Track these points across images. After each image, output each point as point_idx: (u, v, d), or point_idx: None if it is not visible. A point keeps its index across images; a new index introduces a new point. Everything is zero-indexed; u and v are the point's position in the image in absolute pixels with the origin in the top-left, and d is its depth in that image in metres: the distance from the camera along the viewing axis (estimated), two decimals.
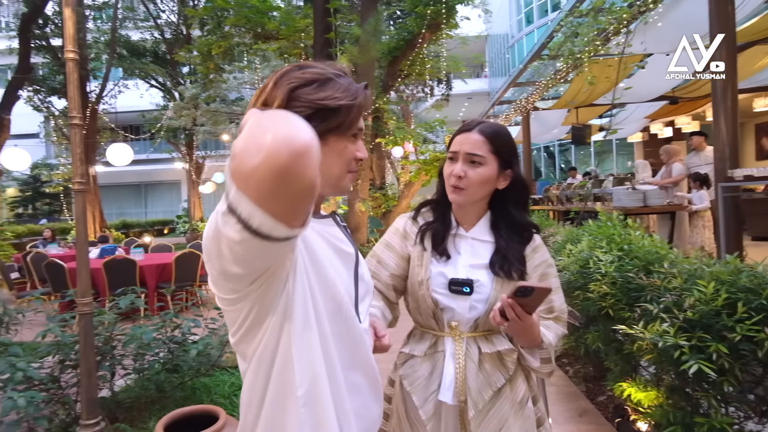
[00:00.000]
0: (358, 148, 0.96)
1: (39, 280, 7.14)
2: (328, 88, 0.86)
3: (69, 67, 2.18)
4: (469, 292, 1.31)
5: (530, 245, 1.37)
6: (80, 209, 2.31)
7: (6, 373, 2.57)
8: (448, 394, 1.32)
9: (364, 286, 1.03)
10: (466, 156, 1.31)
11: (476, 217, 1.38)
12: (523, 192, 1.38)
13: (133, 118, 22.10)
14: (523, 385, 1.37)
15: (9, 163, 8.80)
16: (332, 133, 0.88)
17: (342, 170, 0.94)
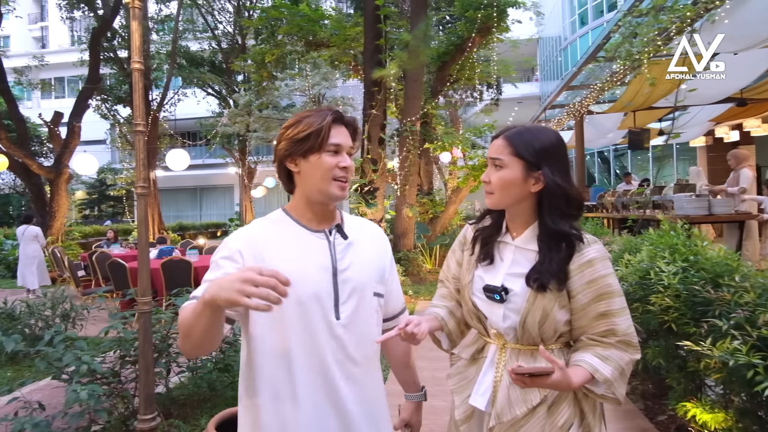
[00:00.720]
0: (339, 159, 1.23)
1: (103, 279, 7.56)
2: (299, 125, 1.23)
3: (135, 77, 2.29)
4: (499, 300, 1.29)
5: (579, 258, 1.25)
6: (142, 212, 2.41)
7: (72, 366, 2.72)
8: (480, 400, 1.32)
9: (347, 289, 1.23)
10: (490, 161, 1.33)
11: (524, 225, 1.33)
12: (557, 196, 1.26)
13: (190, 125, 23.12)
14: (568, 410, 1.27)
15: (79, 167, 9.42)
16: (309, 152, 1.22)
17: (324, 179, 1.22)
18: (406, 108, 8.47)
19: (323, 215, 1.29)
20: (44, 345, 2.80)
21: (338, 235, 1.28)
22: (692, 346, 2.21)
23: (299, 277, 1.15)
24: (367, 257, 1.31)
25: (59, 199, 12.84)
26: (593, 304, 1.24)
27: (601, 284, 1.23)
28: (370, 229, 1.41)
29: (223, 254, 1.21)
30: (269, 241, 1.23)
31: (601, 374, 1.20)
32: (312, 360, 1.19)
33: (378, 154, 7.68)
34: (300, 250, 1.23)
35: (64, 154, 12.83)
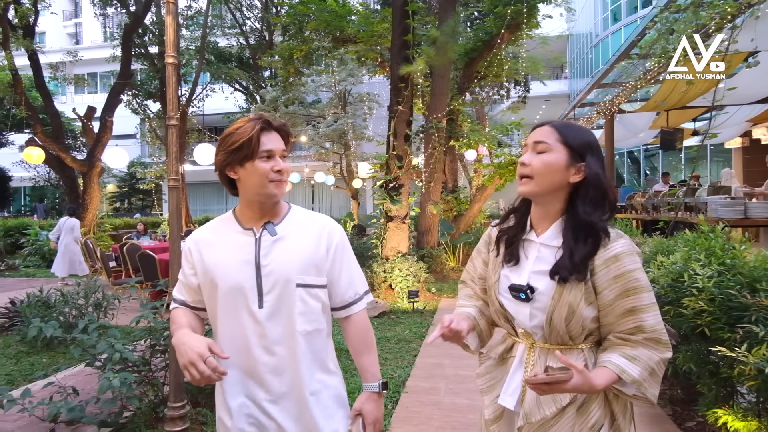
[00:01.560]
0: (273, 164, 1.36)
1: (133, 269, 7.76)
2: (232, 136, 1.36)
3: (169, 71, 2.33)
4: (524, 298, 1.28)
5: (604, 252, 1.22)
6: (173, 204, 2.46)
7: (105, 354, 2.80)
8: (509, 399, 1.32)
9: (270, 282, 1.36)
10: (533, 145, 1.29)
11: (549, 221, 1.31)
12: (596, 188, 1.25)
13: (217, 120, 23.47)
14: (599, 411, 1.25)
15: (111, 161, 9.65)
16: (245, 160, 1.34)
17: (261, 182, 1.35)
18: (433, 104, 8.42)
19: (261, 213, 1.42)
20: (79, 332, 2.89)
21: (266, 232, 1.41)
22: (726, 351, 2.15)
23: (225, 271, 1.37)
24: (293, 251, 1.40)
25: (91, 192, 13.22)
26: (620, 300, 1.20)
27: (628, 279, 1.20)
28: (315, 222, 1.47)
29: (184, 254, 1.47)
30: (210, 240, 1.43)
31: (628, 375, 1.17)
32: (237, 343, 1.36)
33: (404, 150, 7.66)
34: (229, 247, 1.40)
35: (96, 147, 13.20)
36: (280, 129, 1.41)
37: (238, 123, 1.38)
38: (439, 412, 3.39)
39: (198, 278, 1.42)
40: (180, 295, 1.48)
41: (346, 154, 16.80)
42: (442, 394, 3.67)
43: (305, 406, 1.36)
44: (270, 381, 1.35)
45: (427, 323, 5.96)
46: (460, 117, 10.90)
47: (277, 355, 1.35)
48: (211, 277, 1.38)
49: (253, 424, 1.36)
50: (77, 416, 2.71)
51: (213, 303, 1.39)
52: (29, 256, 12.46)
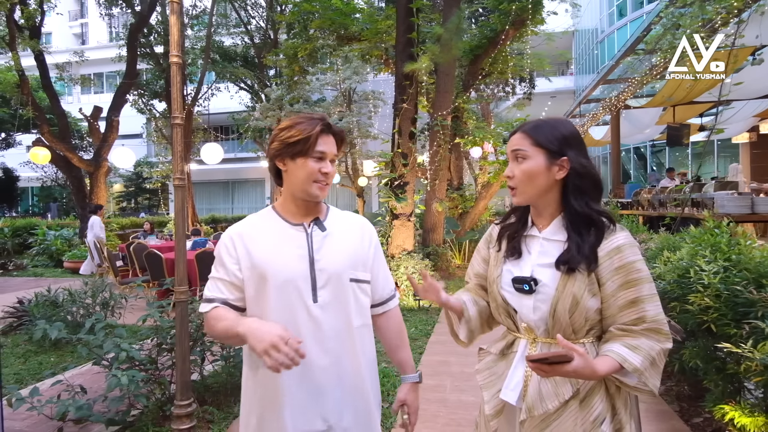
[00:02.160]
0: (322, 165, 1.39)
1: (140, 269, 7.80)
2: (292, 129, 1.38)
3: (173, 70, 2.35)
4: (528, 290, 1.30)
5: (607, 244, 1.24)
6: (179, 203, 2.48)
7: (112, 353, 2.82)
8: (511, 394, 1.33)
9: (324, 276, 1.38)
10: (511, 155, 1.34)
11: (550, 217, 1.34)
12: (583, 178, 1.28)
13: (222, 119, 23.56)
14: (601, 404, 1.26)
15: (117, 160, 9.73)
16: (297, 156, 1.38)
17: (306, 180, 1.38)
18: (437, 102, 8.41)
19: (306, 210, 1.45)
20: (85, 332, 2.91)
21: (316, 227, 1.44)
22: (732, 347, 2.14)
23: (278, 265, 1.36)
24: (343, 247, 1.44)
25: (98, 191, 13.30)
26: (622, 291, 1.22)
27: (630, 270, 1.22)
28: (354, 221, 1.54)
29: (222, 249, 1.42)
30: (254, 235, 1.41)
31: (630, 363, 1.18)
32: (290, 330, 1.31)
33: (408, 148, 7.66)
34: (280, 241, 1.40)
35: (103, 147, 13.28)
36: (336, 134, 1.44)
37: (297, 118, 1.41)
38: (445, 409, 3.39)
39: (243, 273, 1.39)
40: (220, 294, 1.40)
41: (351, 152, 16.81)
42: (448, 391, 3.67)
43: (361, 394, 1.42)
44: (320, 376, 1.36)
45: (433, 321, 5.97)
46: (465, 114, 10.86)
47: (331, 351, 1.37)
48: (261, 271, 1.36)
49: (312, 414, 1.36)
50: (85, 414, 2.73)
51: (262, 298, 1.37)
52: (37, 255, 12.56)
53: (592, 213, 1.26)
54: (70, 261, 11.43)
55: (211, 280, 1.43)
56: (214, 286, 1.42)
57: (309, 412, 1.36)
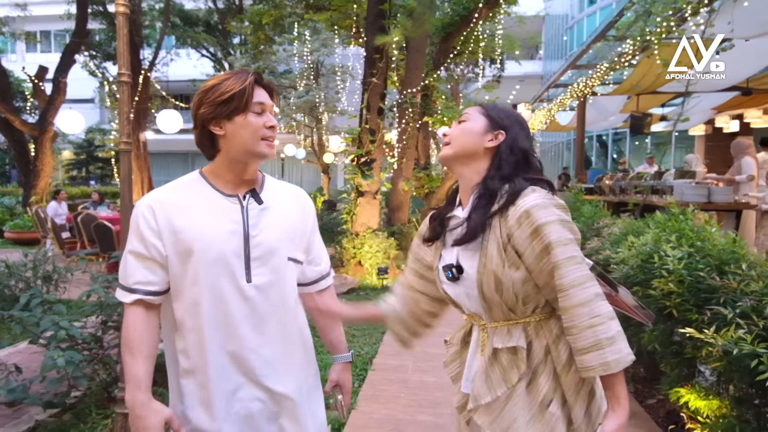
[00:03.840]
0: (265, 119, 1.25)
1: (88, 241, 7.40)
2: (220, 87, 1.22)
3: (119, 21, 2.11)
4: (452, 277, 1.24)
5: (515, 210, 1.13)
6: (126, 169, 2.27)
7: (50, 331, 2.60)
8: (469, 385, 1.29)
9: (259, 254, 1.25)
10: (457, 121, 1.32)
11: (470, 191, 1.27)
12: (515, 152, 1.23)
13: (183, 87, 22.55)
14: (547, 383, 1.18)
15: (65, 125, 9.11)
16: (234, 113, 1.22)
17: (252, 138, 1.24)
18: (407, 78, 8.23)
19: (242, 178, 1.29)
20: (20, 309, 2.67)
21: (252, 199, 1.30)
22: (695, 333, 2.14)
23: (207, 240, 1.21)
24: (282, 222, 1.32)
25: (44, 158, 12.51)
26: (543, 260, 1.11)
27: (543, 233, 1.10)
28: (292, 193, 1.41)
29: (140, 221, 1.23)
30: (179, 204, 1.25)
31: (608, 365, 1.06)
32: (221, 320, 1.22)
33: (377, 124, 7.48)
34: (211, 213, 1.25)
35: (49, 110, 12.44)
36: (267, 86, 1.31)
37: (222, 76, 1.27)
38: (407, 390, 3.34)
39: (166, 249, 1.22)
40: (142, 277, 1.22)
41: (317, 128, 16.45)
42: (410, 372, 3.63)
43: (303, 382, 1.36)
44: (256, 361, 1.25)
45: None
46: (435, 93, 10.74)
47: (266, 334, 1.26)
48: (187, 246, 1.21)
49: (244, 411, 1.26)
50: (19, 397, 2.51)
51: (187, 278, 1.22)
52: None
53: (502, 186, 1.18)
54: (12, 231, 10.77)
55: (128, 256, 1.24)
56: (133, 265, 1.23)
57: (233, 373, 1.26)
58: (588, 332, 1.07)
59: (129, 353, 1.20)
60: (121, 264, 1.26)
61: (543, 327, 1.22)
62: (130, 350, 1.20)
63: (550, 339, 1.21)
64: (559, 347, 1.19)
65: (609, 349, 1.06)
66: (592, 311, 1.08)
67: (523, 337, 1.20)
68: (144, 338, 1.21)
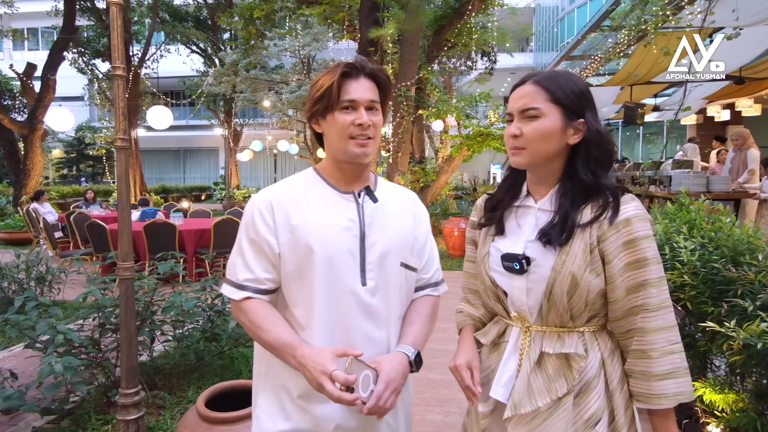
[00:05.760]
0: (354, 117, 1.17)
1: (81, 240, 7.26)
2: (317, 84, 1.20)
3: (113, 12, 2.01)
4: (518, 269, 1.12)
5: (612, 216, 1.06)
6: (122, 168, 2.18)
7: (47, 335, 2.51)
8: (501, 391, 1.16)
9: (374, 255, 1.19)
10: (519, 113, 1.13)
11: (550, 185, 1.16)
12: (598, 146, 1.11)
13: (173, 84, 22.28)
14: (598, 401, 1.09)
15: (54, 122, 8.92)
16: (326, 111, 1.19)
17: (340, 137, 1.18)
18: (402, 72, 8.15)
19: (352, 176, 1.25)
20: (14, 312, 2.57)
21: (367, 197, 1.24)
22: (716, 327, 2.10)
23: (324, 237, 1.16)
24: (396, 224, 1.25)
25: (34, 156, 12.29)
26: (629, 271, 1.05)
27: (640, 247, 1.04)
28: (405, 195, 1.34)
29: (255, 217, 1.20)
30: (294, 200, 1.21)
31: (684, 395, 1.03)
32: (335, 316, 1.16)
33: None
34: (326, 210, 1.20)
35: (38, 108, 12.21)
36: (373, 74, 1.21)
37: (327, 69, 1.22)
38: (413, 387, 3.29)
39: (281, 247, 1.18)
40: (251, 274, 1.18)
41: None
42: None
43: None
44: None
45: None
46: (429, 86, 10.66)
47: (378, 342, 1.19)
48: (303, 242, 1.16)
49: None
50: (15, 404, 2.42)
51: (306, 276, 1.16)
52: None
53: (600, 185, 1.09)
54: (4, 231, 10.57)
55: (237, 255, 1.21)
56: (243, 263, 1.20)
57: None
58: (667, 359, 1.04)
59: (262, 331, 1.16)
60: (230, 260, 1.23)
61: (598, 339, 1.13)
62: (261, 329, 1.16)
63: (606, 352, 1.12)
64: (614, 362, 1.12)
65: (685, 379, 1.04)
66: (672, 338, 1.05)
67: (580, 345, 1.11)
68: (268, 314, 1.18)
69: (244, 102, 17.09)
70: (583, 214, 1.09)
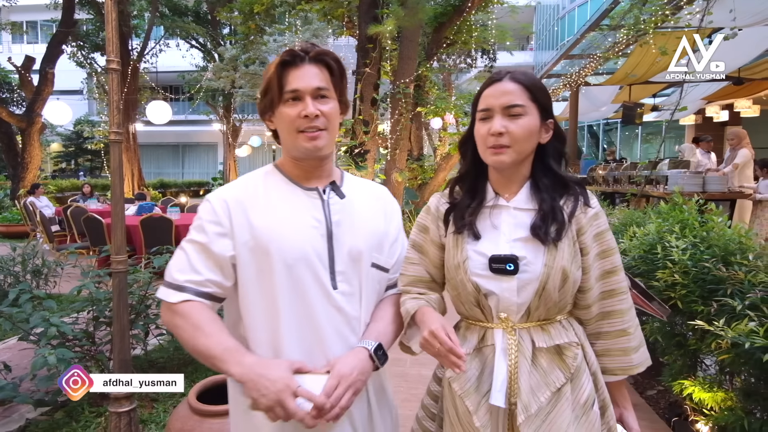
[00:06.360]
0: (300, 108, 1.08)
1: (78, 234, 7.27)
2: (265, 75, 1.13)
3: (108, 5, 2.02)
4: (513, 269, 1.11)
5: (585, 210, 1.15)
6: (116, 161, 2.18)
7: (40, 328, 2.52)
8: (499, 396, 1.12)
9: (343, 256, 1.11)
10: (503, 110, 1.12)
11: (519, 183, 1.17)
12: (561, 142, 1.20)
13: (173, 78, 22.25)
14: (589, 383, 1.14)
15: (52, 116, 8.93)
16: (273, 106, 1.12)
17: (289, 133, 1.10)
18: (401, 69, 8.14)
19: (313, 172, 1.16)
20: (8, 305, 2.58)
21: (333, 193, 1.16)
22: (705, 326, 2.11)
23: (288, 238, 1.07)
24: (365, 221, 1.17)
25: (31, 150, 12.26)
26: (599, 261, 1.16)
27: (605, 238, 1.17)
28: (374, 191, 1.25)
29: (208, 216, 1.10)
30: (254, 198, 1.12)
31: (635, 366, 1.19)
32: (305, 326, 1.08)
33: (370, 115, 7.41)
34: (289, 208, 1.12)
35: (36, 101, 12.18)
36: (319, 58, 1.10)
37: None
38: (406, 384, 3.31)
39: (236, 249, 1.07)
40: (195, 275, 1.06)
41: None
42: (408, 365, 3.59)
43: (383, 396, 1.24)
44: None
45: None
46: (428, 84, 10.66)
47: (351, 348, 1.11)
48: (265, 245, 1.05)
49: None
50: (8, 396, 2.43)
51: (265, 282, 1.06)
52: None
53: (570, 178, 1.17)
54: (1, 224, 10.58)
55: (182, 253, 1.10)
56: (186, 262, 1.08)
57: None
58: (638, 332, 1.20)
59: (203, 336, 1.02)
60: (171, 261, 1.11)
61: (573, 325, 1.19)
62: (202, 333, 1.02)
63: (582, 337, 1.18)
64: (588, 345, 1.20)
65: (645, 347, 1.21)
66: (635, 314, 1.21)
67: (566, 334, 1.15)
68: (211, 318, 1.05)
69: (243, 97, 17.08)
70: (564, 208, 1.14)
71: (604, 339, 1.18)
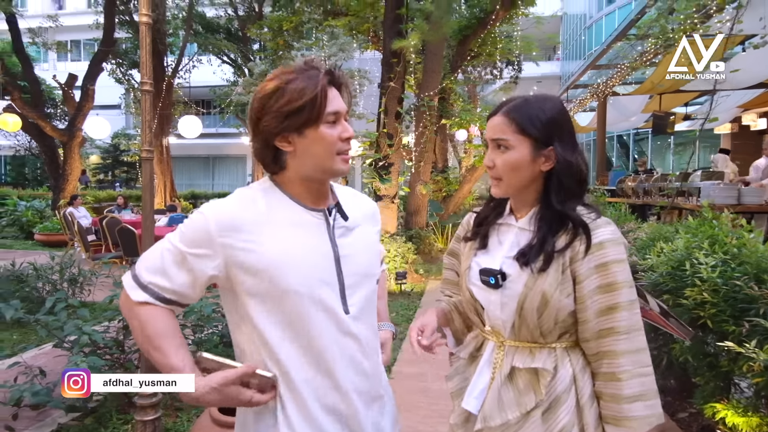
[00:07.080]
0: (340, 130, 1.04)
1: (113, 244, 7.52)
2: (285, 93, 0.99)
3: (142, 31, 2.12)
4: (494, 283, 1.15)
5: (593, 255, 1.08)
6: (147, 177, 2.27)
7: (74, 336, 2.62)
8: (473, 402, 1.21)
9: (352, 279, 1.08)
10: (492, 143, 1.17)
11: (529, 206, 1.20)
12: (567, 176, 1.12)
13: (204, 93, 22.88)
14: (567, 416, 1.10)
15: (92, 130, 9.32)
16: (306, 126, 1.01)
17: (327, 155, 1.04)
18: (425, 82, 8.20)
19: (319, 193, 1.11)
20: (45, 313, 2.70)
21: (338, 215, 1.11)
22: (735, 347, 2.04)
23: (298, 264, 1.01)
24: (367, 240, 1.17)
25: (72, 162, 12.80)
26: (599, 295, 1.08)
27: (611, 271, 1.07)
28: (364, 205, 1.23)
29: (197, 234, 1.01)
30: (257, 220, 1.03)
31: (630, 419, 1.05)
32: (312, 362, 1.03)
33: (394, 128, 7.46)
34: (296, 232, 1.05)
35: (77, 116, 12.75)
36: (342, 83, 1.08)
37: (286, 74, 1.02)
38: (426, 399, 3.29)
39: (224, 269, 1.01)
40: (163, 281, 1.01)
41: None
42: (430, 380, 3.57)
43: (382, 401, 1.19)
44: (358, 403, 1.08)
45: (415, 306, 5.86)
46: (453, 96, 10.68)
47: (367, 372, 1.10)
48: (275, 269, 0.99)
49: None
50: (42, 401, 2.54)
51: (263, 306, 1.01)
52: (7, 227, 12.12)
53: (568, 213, 1.11)
54: (42, 233, 11.03)
55: (160, 254, 1.03)
56: (160, 265, 1.02)
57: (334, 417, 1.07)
58: (636, 381, 1.06)
59: (155, 351, 1.00)
60: (149, 253, 1.06)
61: (570, 354, 1.15)
62: (154, 347, 1.00)
63: (578, 368, 1.14)
64: (585, 378, 1.14)
65: (654, 402, 1.06)
66: (642, 360, 1.07)
67: (550, 361, 1.13)
68: (163, 332, 1.01)
69: None
70: (559, 240, 1.12)
71: (597, 380, 1.12)
